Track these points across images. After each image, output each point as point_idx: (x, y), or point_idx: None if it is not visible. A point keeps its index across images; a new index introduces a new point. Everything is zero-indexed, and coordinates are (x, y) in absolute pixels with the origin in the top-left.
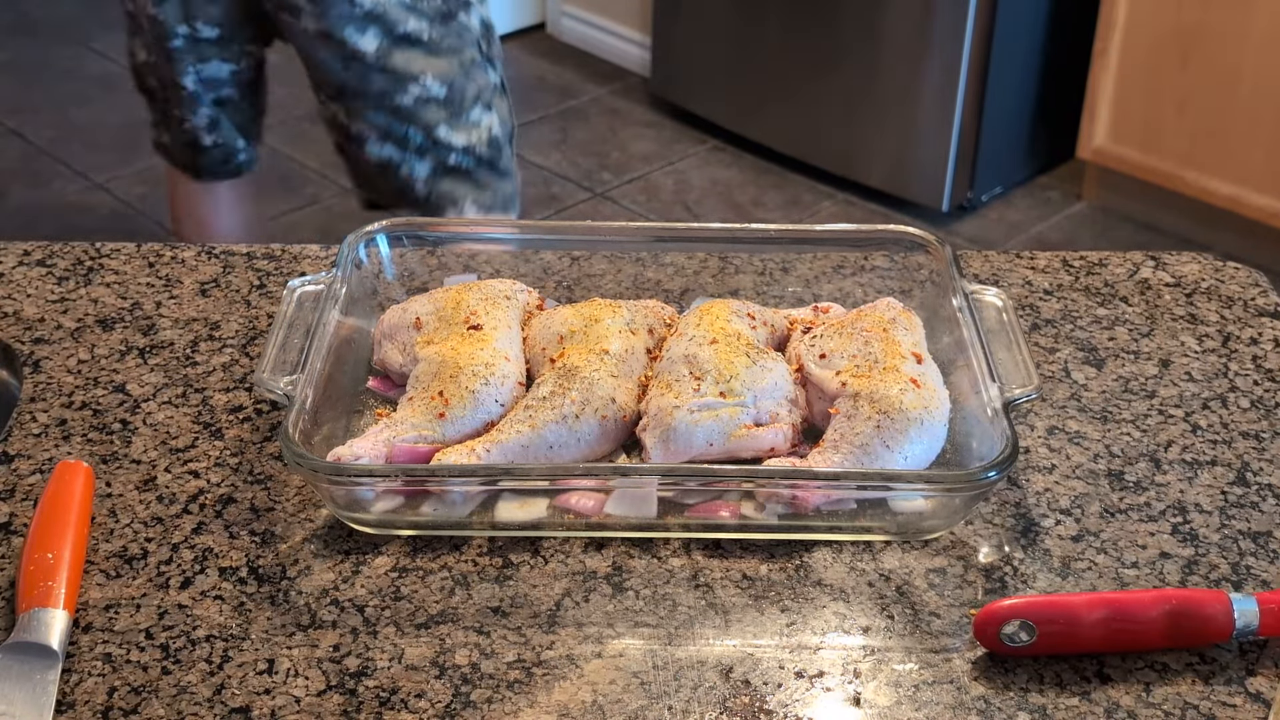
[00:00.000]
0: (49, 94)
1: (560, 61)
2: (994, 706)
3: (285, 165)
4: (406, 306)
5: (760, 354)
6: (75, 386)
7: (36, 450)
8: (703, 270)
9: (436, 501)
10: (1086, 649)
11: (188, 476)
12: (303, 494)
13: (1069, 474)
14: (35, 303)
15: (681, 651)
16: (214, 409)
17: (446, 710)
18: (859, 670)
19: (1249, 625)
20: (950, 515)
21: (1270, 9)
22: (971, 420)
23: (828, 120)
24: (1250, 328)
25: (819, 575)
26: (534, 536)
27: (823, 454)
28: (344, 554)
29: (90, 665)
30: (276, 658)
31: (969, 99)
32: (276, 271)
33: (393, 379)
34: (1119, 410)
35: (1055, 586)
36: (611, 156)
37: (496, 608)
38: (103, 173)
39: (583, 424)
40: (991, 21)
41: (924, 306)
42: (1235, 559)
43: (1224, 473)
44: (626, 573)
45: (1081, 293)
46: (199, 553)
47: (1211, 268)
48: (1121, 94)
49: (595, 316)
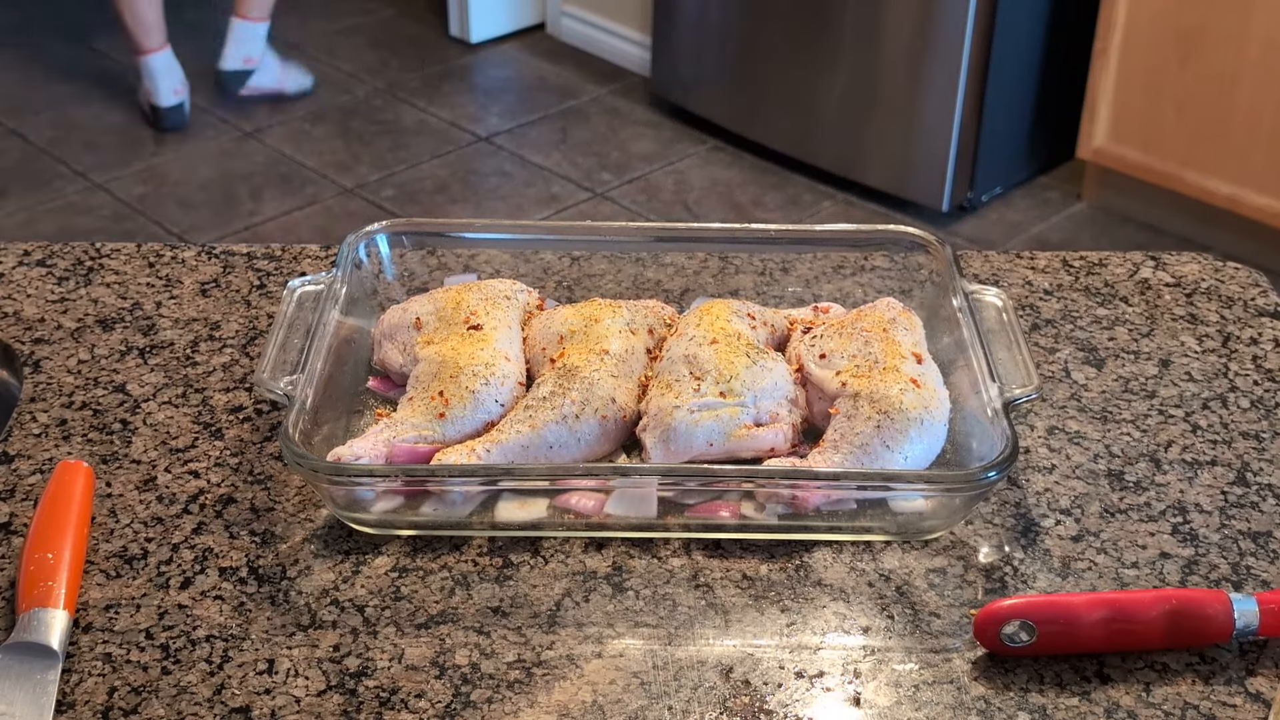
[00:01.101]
0: (49, 94)
1: (560, 61)
2: (994, 706)
3: (285, 165)
4: (406, 306)
5: (760, 354)
6: (75, 386)
7: (36, 450)
8: (703, 270)
9: (436, 501)
10: (1086, 649)
11: (188, 476)
12: (303, 494)
13: (1069, 474)
14: (35, 303)
15: (681, 651)
16: (214, 409)
17: (446, 710)
18: (859, 670)
19: (1249, 625)
20: (950, 515)
21: (1270, 9)
22: (971, 420)
23: (828, 120)
24: (1250, 328)
25: (819, 575)
26: (534, 536)
27: (823, 454)
28: (344, 554)
29: (90, 665)
30: (276, 658)
31: (969, 99)
32: (276, 271)
33: (393, 379)
34: (1119, 410)
35: (1055, 586)
36: (611, 156)
37: (496, 608)
38: (103, 173)
39: (583, 424)
40: (991, 21)
41: (924, 306)
42: (1235, 559)
43: (1224, 473)
44: (626, 573)
45: (1081, 293)
46: (199, 553)
47: (1211, 268)
48: (1121, 94)
49: (595, 316)
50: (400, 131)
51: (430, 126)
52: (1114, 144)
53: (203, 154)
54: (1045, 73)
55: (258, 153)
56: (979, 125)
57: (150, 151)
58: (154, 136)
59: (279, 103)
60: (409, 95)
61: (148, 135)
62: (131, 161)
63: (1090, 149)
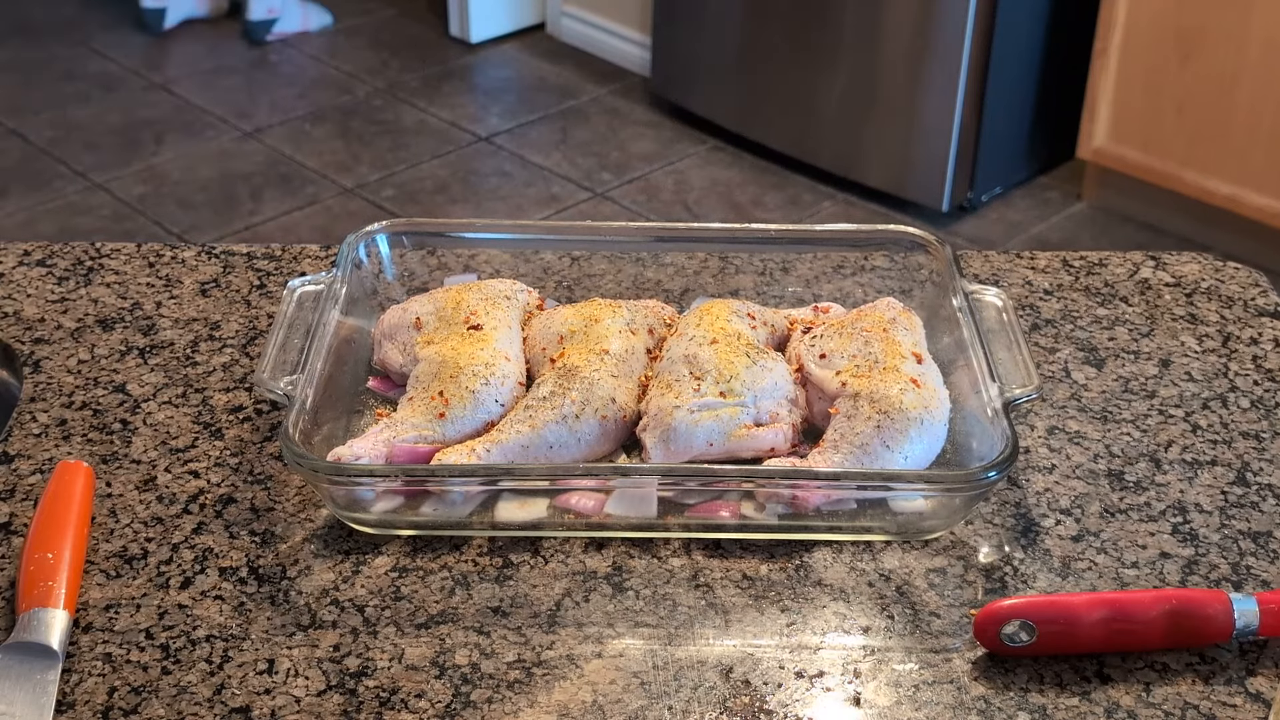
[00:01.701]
0: (49, 94)
1: (560, 61)
2: (994, 706)
3: (285, 165)
4: (406, 306)
5: (760, 354)
6: (75, 386)
7: (36, 450)
8: (703, 270)
9: (436, 501)
10: (1086, 649)
11: (188, 476)
12: (303, 494)
13: (1069, 474)
14: (35, 303)
15: (681, 651)
16: (214, 409)
17: (446, 710)
18: (859, 670)
19: (1249, 625)
20: (950, 515)
21: (1270, 9)
22: (971, 420)
23: (828, 120)
24: (1250, 328)
25: (819, 575)
26: (534, 536)
27: (823, 454)
28: (344, 554)
29: (90, 665)
30: (276, 658)
31: (969, 99)
32: (276, 271)
33: (393, 379)
34: (1119, 410)
35: (1055, 586)
36: (611, 156)
37: (496, 608)
38: (103, 173)
39: (583, 424)
40: (991, 21)
41: (924, 306)
42: (1235, 559)
43: (1224, 473)
44: (626, 573)
45: (1081, 293)
46: (199, 553)
47: (1211, 268)
48: (1121, 94)
49: (595, 316)
50: (400, 131)
51: (430, 126)
52: (1114, 144)
53: (203, 154)
54: (1045, 73)
55: (258, 153)
56: (979, 125)
57: (150, 151)
58: (154, 136)
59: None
60: (409, 95)
61: (148, 135)
62: (131, 161)
63: (1090, 149)
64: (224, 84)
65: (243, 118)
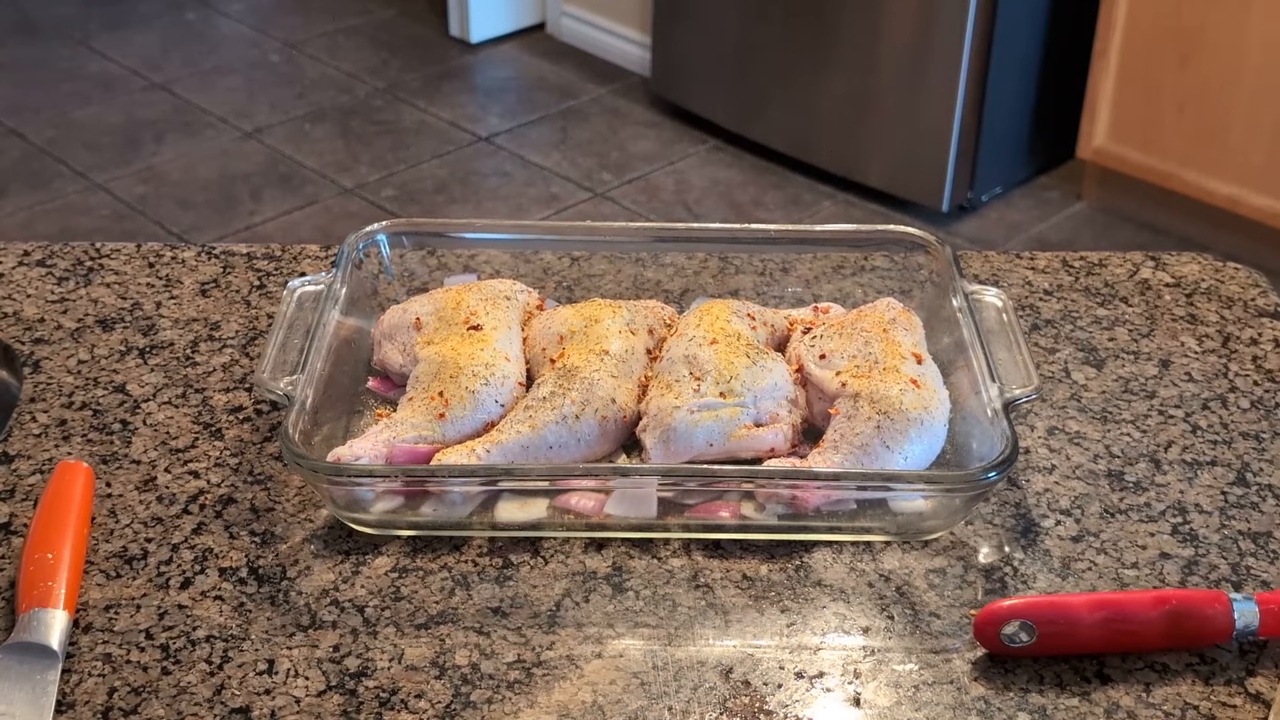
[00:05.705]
0: (49, 94)
1: (560, 61)
2: (994, 706)
3: (285, 165)
4: (406, 307)
5: (760, 354)
6: (75, 386)
7: (36, 450)
8: (703, 270)
9: (436, 502)
10: (1086, 649)
11: (188, 477)
12: (303, 494)
13: (1069, 474)
14: (35, 303)
15: (681, 652)
16: (214, 409)
17: (446, 710)
18: (859, 670)
19: (1249, 626)
20: (950, 515)
21: (1270, 10)
22: (971, 420)
23: (828, 120)
24: (1250, 328)
25: (819, 575)
26: (534, 537)
27: (823, 454)
28: (344, 554)
29: (90, 665)
30: (276, 658)
31: (969, 99)
32: (276, 271)
33: (393, 379)
34: (1119, 410)
35: (1055, 587)
36: (611, 156)
37: (496, 608)
38: (103, 173)
39: (583, 424)
40: (991, 21)
41: (924, 306)
42: (1235, 559)
43: (1224, 473)
44: (626, 573)
45: (1081, 293)
46: (199, 553)
47: (1211, 268)
48: (1121, 94)
49: (595, 316)
50: (400, 131)
51: (430, 126)
52: (1114, 144)
53: (203, 154)
54: (1045, 73)
55: (258, 153)
56: (979, 125)
57: (150, 151)
58: (154, 136)
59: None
60: (409, 95)
61: (148, 135)
62: (131, 161)
63: (1090, 149)
64: (224, 84)
65: (243, 118)
